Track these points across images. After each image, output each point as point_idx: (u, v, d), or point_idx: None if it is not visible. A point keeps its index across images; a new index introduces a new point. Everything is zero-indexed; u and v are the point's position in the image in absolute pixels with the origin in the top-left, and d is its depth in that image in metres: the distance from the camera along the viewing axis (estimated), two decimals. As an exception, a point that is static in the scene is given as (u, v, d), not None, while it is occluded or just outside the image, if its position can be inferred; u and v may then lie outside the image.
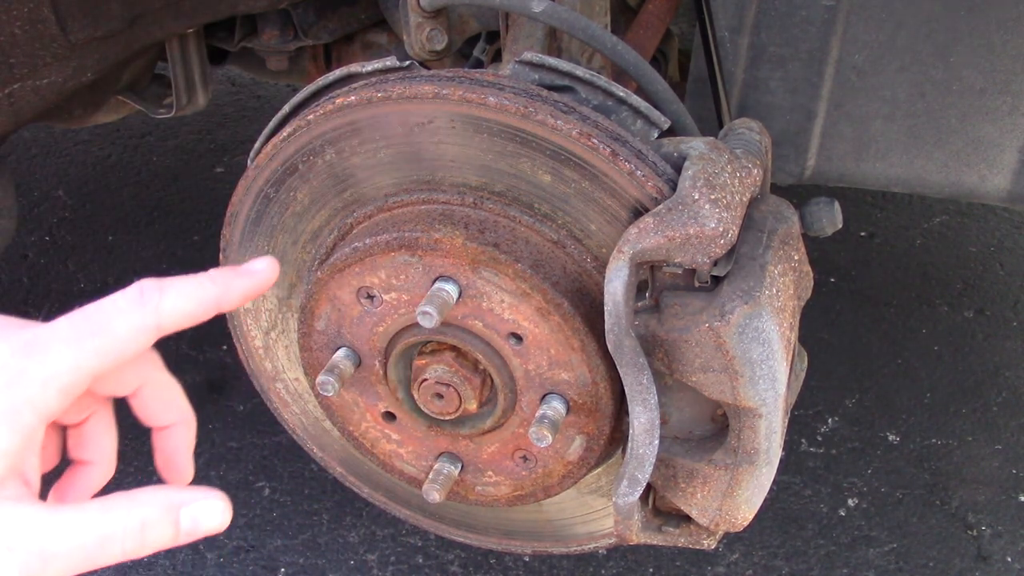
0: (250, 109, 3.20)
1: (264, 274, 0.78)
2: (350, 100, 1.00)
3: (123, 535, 0.66)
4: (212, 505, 0.69)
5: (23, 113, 1.36)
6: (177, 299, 0.71)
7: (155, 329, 0.70)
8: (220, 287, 0.75)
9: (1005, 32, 1.15)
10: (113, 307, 0.68)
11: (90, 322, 0.68)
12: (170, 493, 0.69)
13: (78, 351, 0.67)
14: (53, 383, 0.66)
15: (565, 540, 1.25)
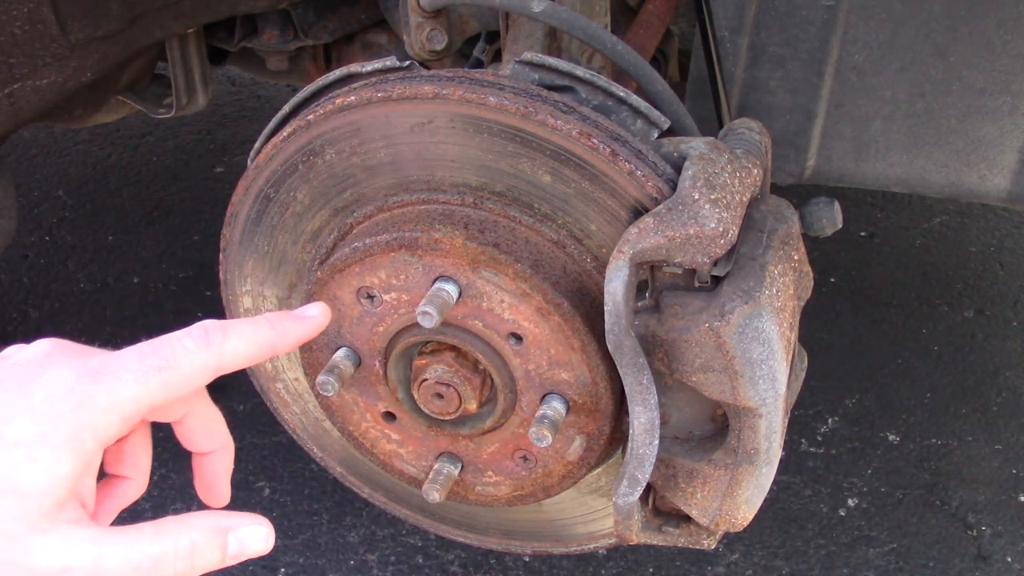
0: (250, 109, 3.20)
1: (317, 320, 0.84)
2: (350, 100, 1.00)
3: (175, 558, 0.70)
4: (257, 530, 0.75)
5: (23, 113, 1.36)
6: (238, 342, 0.76)
7: (216, 369, 0.75)
8: (277, 332, 0.80)
9: (1005, 32, 1.15)
10: (180, 345, 0.72)
11: (157, 356, 0.71)
12: (218, 518, 0.73)
13: (144, 383, 0.70)
14: (116, 412, 0.69)
15: (565, 540, 1.25)
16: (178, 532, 0.70)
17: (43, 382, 0.69)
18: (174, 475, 2.07)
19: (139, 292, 2.47)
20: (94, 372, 0.69)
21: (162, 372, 0.71)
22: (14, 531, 0.64)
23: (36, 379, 0.69)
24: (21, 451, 0.65)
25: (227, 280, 1.21)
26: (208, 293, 2.44)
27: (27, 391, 0.68)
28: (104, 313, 2.40)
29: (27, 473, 0.65)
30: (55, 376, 0.69)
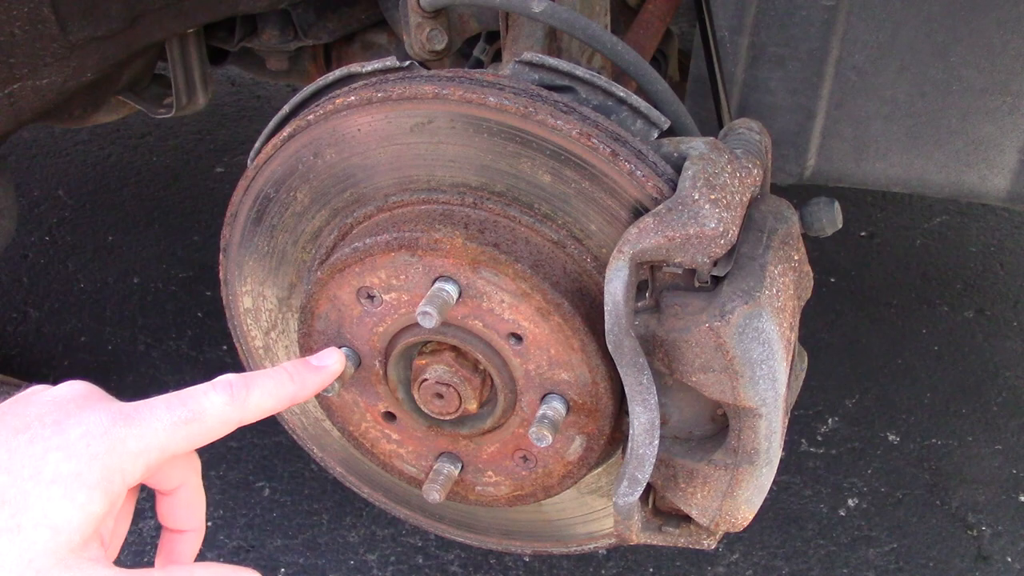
0: (250, 109, 3.20)
1: (334, 367, 0.91)
2: (350, 100, 1.00)
3: None
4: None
5: (23, 113, 1.36)
6: (261, 397, 0.80)
7: (238, 422, 0.79)
8: (297, 385, 0.84)
9: (1005, 32, 1.15)
10: (206, 399, 0.76)
11: (185, 408, 0.75)
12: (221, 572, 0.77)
13: (171, 433, 0.73)
14: (143, 458, 0.72)
15: (565, 540, 1.25)
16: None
17: (79, 421, 0.71)
18: (174, 475, 2.06)
19: (139, 292, 2.47)
20: (127, 417, 0.72)
21: (189, 424, 0.74)
22: (43, 564, 0.67)
23: (72, 417, 0.72)
24: (58, 488, 0.68)
25: (227, 280, 1.21)
26: (208, 293, 2.44)
27: (63, 428, 0.71)
28: (104, 313, 2.40)
29: (62, 510, 0.68)
30: (91, 417, 0.72)
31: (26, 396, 0.77)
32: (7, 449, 0.70)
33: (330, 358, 0.91)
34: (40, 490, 0.68)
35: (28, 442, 0.70)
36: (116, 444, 0.71)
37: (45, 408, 0.73)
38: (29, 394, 0.77)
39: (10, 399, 0.78)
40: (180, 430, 0.74)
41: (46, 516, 0.67)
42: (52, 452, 0.69)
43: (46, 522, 0.67)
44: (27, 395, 0.77)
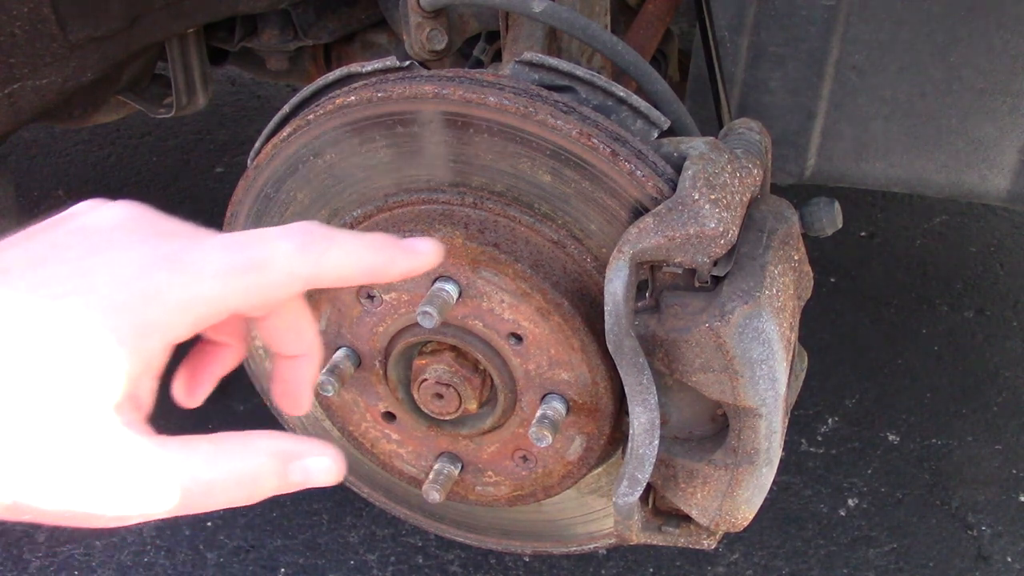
0: (250, 109, 3.20)
1: (427, 258, 0.72)
2: (350, 100, 1.00)
3: (231, 485, 0.61)
4: (323, 461, 0.64)
5: (23, 113, 1.36)
6: (341, 257, 0.65)
7: (309, 281, 0.64)
8: (384, 259, 0.68)
9: (1005, 32, 1.15)
10: (273, 247, 0.62)
11: (245, 255, 0.61)
12: (285, 444, 0.63)
13: (226, 284, 0.60)
14: (190, 312, 0.59)
15: (565, 540, 1.25)
16: (238, 456, 0.61)
17: (109, 260, 0.58)
18: (174, 475, 2.06)
19: (139, 292, 2.46)
20: (169, 260, 0.59)
21: (248, 274, 0.60)
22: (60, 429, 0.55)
23: (101, 254, 0.59)
24: (75, 340, 0.55)
25: (227, 280, 1.21)
26: (208, 293, 2.44)
27: (87, 267, 0.58)
28: (104, 313, 2.40)
29: (80, 367, 0.55)
30: (122, 257, 0.59)
31: (67, 216, 0.63)
32: (24, 286, 0.56)
33: (424, 244, 0.73)
34: (56, 343, 0.55)
35: (45, 280, 0.57)
36: (153, 294, 0.57)
37: (75, 237, 0.59)
38: (72, 213, 0.63)
39: (54, 217, 0.62)
40: (237, 280, 0.60)
41: (61, 374, 0.55)
42: (71, 297, 0.56)
43: (60, 380, 0.55)
44: (69, 214, 0.63)
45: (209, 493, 0.60)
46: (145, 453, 0.57)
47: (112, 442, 0.56)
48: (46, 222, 0.62)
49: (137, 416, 0.59)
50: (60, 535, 1.96)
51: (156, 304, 0.57)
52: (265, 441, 0.62)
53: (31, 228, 0.61)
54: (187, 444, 0.59)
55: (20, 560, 1.91)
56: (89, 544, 1.93)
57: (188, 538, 1.93)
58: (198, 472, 0.59)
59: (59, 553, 1.92)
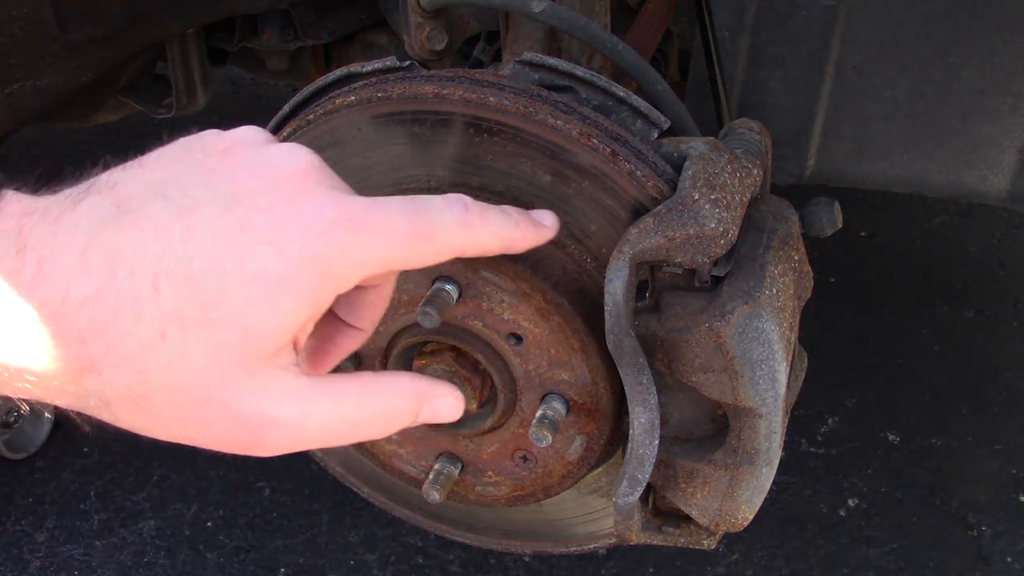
0: (250, 109, 3.20)
1: (551, 231, 0.81)
2: (350, 100, 1.00)
3: (374, 422, 0.67)
4: (451, 402, 0.72)
5: (23, 113, 1.36)
6: (489, 233, 0.71)
7: (461, 251, 0.69)
8: (519, 234, 0.76)
9: (1005, 32, 1.15)
10: (440, 217, 0.66)
11: (419, 222, 0.65)
12: (419, 384, 0.70)
13: (398, 247, 0.64)
14: (364, 269, 0.63)
15: (565, 540, 1.25)
16: (383, 397, 0.67)
17: (299, 212, 0.61)
18: (174, 475, 2.07)
19: (139, 292, 2.46)
20: (355, 220, 0.62)
21: (418, 241, 0.65)
22: (230, 369, 0.59)
23: (291, 204, 0.61)
24: (259, 288, 0.59)
25: (227, 280, 1.21)
26: (208, 293, 2.43)
27: (277, 217, 0.60)
28: (104, 313, 2.40)
29: (261, 314, 0.59)
30: (313, 210, 0.61)
31: (236, 147, 0.65)
32: (211, 230, 0.58)
33: (549, 218, 0.81)
34: (240, 287, 0.58)
35: (236, 227, 0.59)
36: (338, 250, 0.61)
37: (262, 182, 0.62)
38: (240, 144, 0.65)
39: (220, 142, 0.66)
40: (408, 245, 0.64)
41: (241, 316, 0.58)
42: (262, 245, 0.59)
43: (239, 323, 0.58)
44: (237, 145, 0.65)
45: (354, 431, 0.66)
46: (302, 394, 0.62)
47: (273, 383, 0.61)
48: (216, 147, 0.65)
49: (295, 357, 0.63)
50: (60, 535, 1.96)
51: (337, 261, 0.61)
52: (405, 382, 0.69)
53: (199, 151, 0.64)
54: (339, 387, 0.65)
55: (20, 560, 1.91)
56: (89, 544, 1.93)
57: (188, 538, 1.94)
58: (349, 413, 0.65)
59: (59, 553, 1.92)
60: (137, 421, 0.60)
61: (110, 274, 0.56)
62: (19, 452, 2.11)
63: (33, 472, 2.09)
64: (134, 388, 0.57)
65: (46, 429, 2.15)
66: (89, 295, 0.55)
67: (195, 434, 0.61)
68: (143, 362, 0.57)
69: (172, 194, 0.60)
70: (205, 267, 0.57)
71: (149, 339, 0.57)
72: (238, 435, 0.61)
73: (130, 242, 0.57)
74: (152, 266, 0.57)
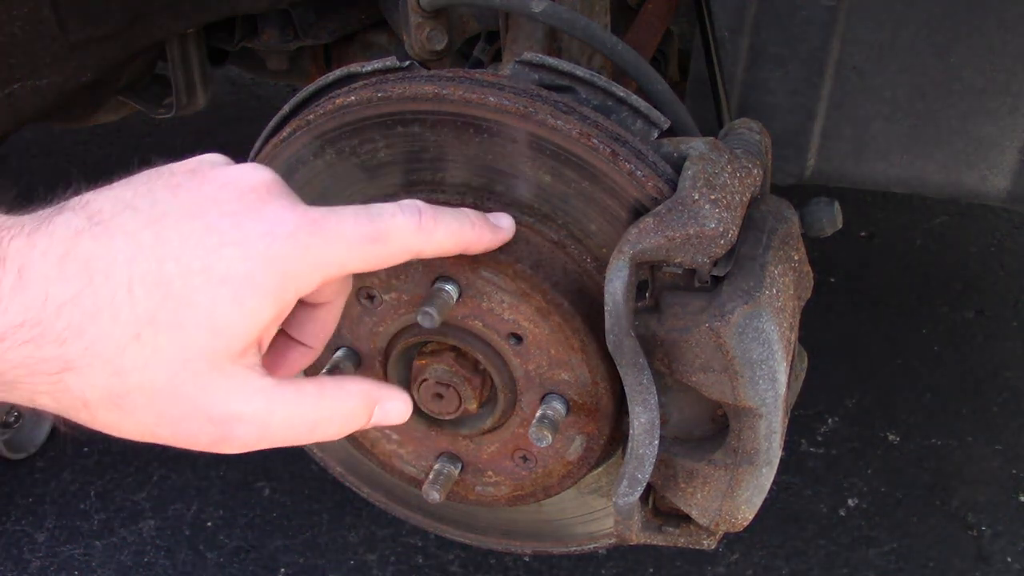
0: (250, 109, 3.20)
1: (506, 233, 0.85)
2: (350, 100, 1.00)
3: (329, 423, 0.71)
4: (399, 405, 0.78)
5: (23, 113, 1.36)
6: (445, 234, 0.75)
7: (417, 254, 0.73)
8: (475, 235, 0.80)
9: (1005, 32, 1.15)
10: (393, 222, 0.70)
11: (373, 227, 0.69)
12: (371, 388, 0.75)
13: (354, 250, 0.68)
14: (321, 271, 0.67)
15: (565, 540, 1.25)
16: (337, 399, 0.71)
17: (262, 217, 0.65)
18: (174, 475, 2.07)
19: (139, 292, 2.46)
20: (315, 223, 0.66)
21: (374, 244, 0.69)
22: (200, 368, 0.62)
23: (255, 211, 0.65)
24: (228, 289, 0.62)
25: (227, 280, 1.21)
26: (208, 293, 2.43)
27: (243, 223, 0.64)
28: (104, 313, 2.40)
29: (229, 313, 0.62)
30: (276, 215, 0.65)
31: (202, 168, 0.69)
32: (179, 235, 0.62)
33: (505, 220, 0.85)
34: (208, 288, 0.62)
35: (203, 231, 0.63)
36: (299, 251, 0.64)
37: (225, 193, 0.65)
38: (206, 165, 0.69)
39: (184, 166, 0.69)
40: (363, 249, 0.68)
41: (210, 317, 0.62)
42: (228, 248, 0.62)
43: (208, 323, 0.62)
44: (204, 166, 0.69)
45: (313, 430, 0.70)
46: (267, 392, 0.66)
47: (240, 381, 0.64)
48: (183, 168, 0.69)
49: (259, 358, 0.66)
50: (60, 535, 1.96)
51: (298, 261, 0.65)
52: (356, 386, 0.73)
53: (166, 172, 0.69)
54: (298, 387, 0.69)
55: (20, 560, 1.91)
56: (89, 544, 1.93)
57: (188, 538, 1.94)
58: (308, 412, 0.69)
59: (59, 553, 1.92)
60: (113, 421, 0.62)
61: (86, 279, 0.59)
62: (19, 452, 2.11)
63: (33, 472, 2.09)
64: (112, 388, 0.61)
65: (46, 429, 2.15)
66: (67, 299, 0.59)
67: (167, 432, 0.64)
68: (120, 362, 0.60)
69: (141, 205, 0.64)
70: (175, 270, 0.61)
71: (125, 340, 0.60)
72: (208, 431, 0.64)
73: (103, 249, 0.60)
74: (126, 270, 0.60)
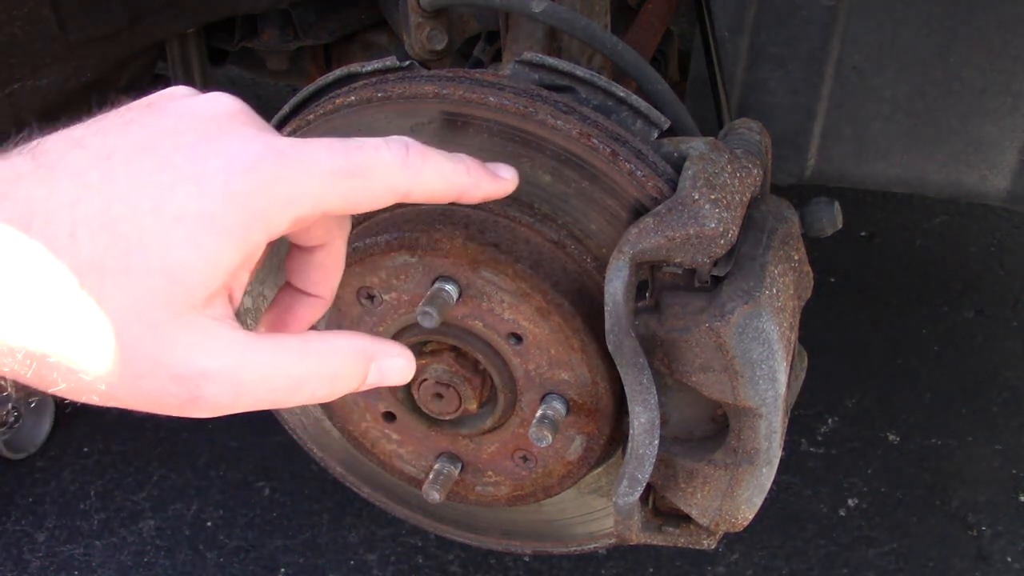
0: (250, 109, 3.19)
1: (509, 183, 0.76)
2: (350, 100, 1.00)
3: (316, 381, 0.63)
4: (399, 362, 0.68)
5: (23, 113, 1.36)
6: (434, 174, 0.67)
7: (404, 194, 0.66)
8: (471, 180, 0.71)
9: (1005, 32, 1.15)
10: (376, 155, 0.63)
11: (350, 159, 0.62)
12: (364, 344, 0.66)
13: (329, 185, 0.61)
14: (293, 208, 0.59)
15: (565, 540, 1.25)
16: (323, 355, 0.63)
17: (221, 149, 0.58)
18: (174, 475, 2.07)
19: (139, 292, 2.46)
20: (280, 154, 0.59)
21: (351, 179, 0.61)
22: (156, 318, 0.55)
23: (214, 142, 0.58)
24: (181, 229, 0.55)
25: (227, 280, 1.21)
26: (208, 293, 2.43)
27: (199, 155, 0.57)
28: (104, 313, 2.39)
29: (183, 256, 0.55)
30: (237, 146, 0.58)
31: (161, 100, 0.62)
32: (128, 172, 0.55)
33: (507, 171, 0.77)
34: (159, 228, 0.54)
35: (154, 167, 0.56)
36: (262, 186, 0.57)
37: (182, 124, 0.59)
38: (165, 98, 0.63)
39: (145, 99, 0.63)
40: (340, 184, 0.61)
41: (163, 260, 0.55)
42: (181, 184, 0.56)
43: (162, 268, 0.55)
44: (163, 99, 0.62)
45: (296, 388, 0.62)
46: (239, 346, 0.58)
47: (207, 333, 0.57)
48: (140, 103, 0.62)
49: (230, 309, 0.59)
50: (60, 535, 1.96)
51: (262, 197, 0.57)
52: (347, 341, 0.65)
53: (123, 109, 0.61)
54: (280, 341, 0.61)
55: (20, 560, 1.91)
56: (89, 544, 1.93)
57: (188, 538, 1.94)
58: (290, 368, 0.61)
59: (59, 553, 1.92)
60: (72, 384, 0.56)
61: (25, 224, 0.53)
62: (19, 452, 2.11)
63: (33, 472, 2.09)
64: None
65: (46, 429, 2.15)
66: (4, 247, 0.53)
67: (125, 392, 0.57)
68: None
69: (90, 143, 0.57)
70: (122, 210, 0.54)
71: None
72: (172, 391, 0.57)
73: (45, 191, 0.54)
74: (69, 213, 0.54)
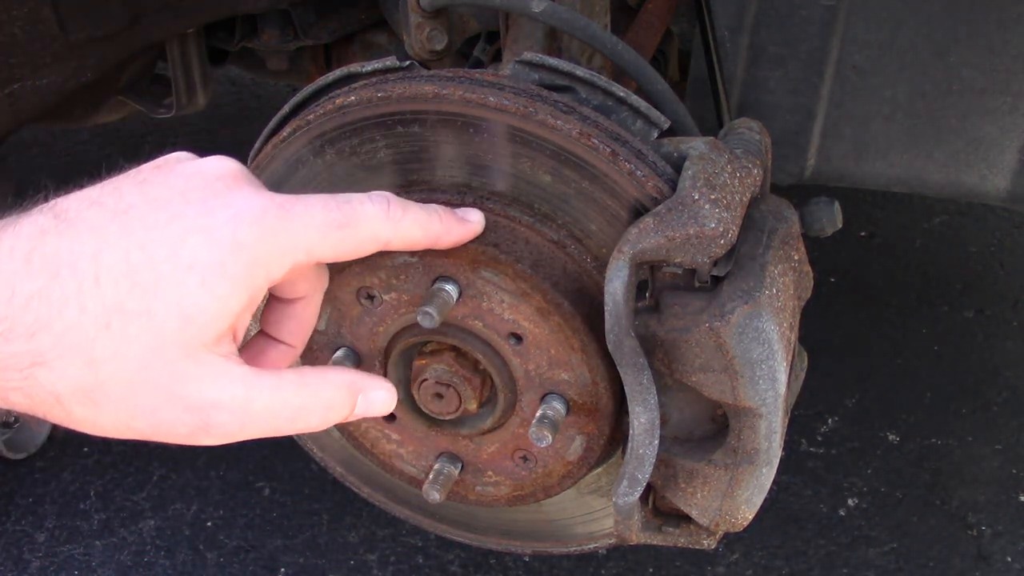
0: (250, 109, 3.20)
1: (476, 227, 0.87)
2: (350, 100, 1.00)
3: (312, 411, 0.70)
4: (384, 395, 0.76)
5: (23, 113, 1.36)
6: (412, 225, 0.75)
7: (385, 244, 0.74)
8: (443, 228, 0.81)
9: (1005, 32, 1.15)
10: (362, 209, 0.71)
11: (341, 213, 0.69)
12: (354, 378, 0.74)
13: (323, 235, 0.68)
14: (291, 256, 0.66)
15: (565, 540, 1.25)
16: (318, 387, 0.71)
17: (228, 203, 0.65)
18: (174, 475, 2.07)
19: (139, 292, 2.46)
20: (281, 208, 0.66)
21: (342, 230, 0.69)
22: (170, 356, 0.62)
23: (220, 197, 0.65)
24: (195, 275, 0.62)
25: (227, 280, 1.21)
26: (208, 293, 2.43)
27: (209, 209, 0.64)
28: (104, 313, 2.39)
29: (198, 299, 0.62)
30: (242, 201, 0.65)
31: (168, 163, 0.70)
32: (144, 225, 0.63)
33: (474, 215, 0.86)
34: (176, 275, 0.61)
35: (168, 220, 0.63)
36: (266, 236, 0.64)
37: (191, 183, 0.66)
38: (172, 161, 0.70)
39: (152, 163, 0.70)
40: (332, 234, 0.68)
41: (179, 304, 0.61)
42: (193, 235, 0.63)
43: (178, 310, 0.61)
44: (170, 162, 0.70)
45: (295, 418, 0.69)
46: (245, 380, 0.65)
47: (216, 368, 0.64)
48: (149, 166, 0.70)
49: (235, 347, 0.66)
50: (60, 535, 1.96)
51: (266, 246, 0.65)
52: (338, 375, 0.73)
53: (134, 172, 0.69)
54: (278, 376, 0.69)
55: (20, 560, 1.91)
56: (89, 544, 1.93)
57: (188, 538, 1.94)
58: (290, 399, 0.68)
59: (59, 553, 1.92)
60: (88, 415, 0.62)
61: (52, 273, 0.60)
62: (19, 452, 2.11)
63: (33, 472, 2.09)
64: (84, 380, 0.60)
65: (46, 429, 2.15)
66: (34, 293, 0.59)
67: (143, 424, 0.63)
68: (91, 353, 0.60)
69: (107, 201, 0.64)
70: (141, 259, 0.61)
71: (95, 330, 0.60)
72: (185, 421, 0.63)
73: (69, 244, 0.61)
74: (92, 263, 0.60)
